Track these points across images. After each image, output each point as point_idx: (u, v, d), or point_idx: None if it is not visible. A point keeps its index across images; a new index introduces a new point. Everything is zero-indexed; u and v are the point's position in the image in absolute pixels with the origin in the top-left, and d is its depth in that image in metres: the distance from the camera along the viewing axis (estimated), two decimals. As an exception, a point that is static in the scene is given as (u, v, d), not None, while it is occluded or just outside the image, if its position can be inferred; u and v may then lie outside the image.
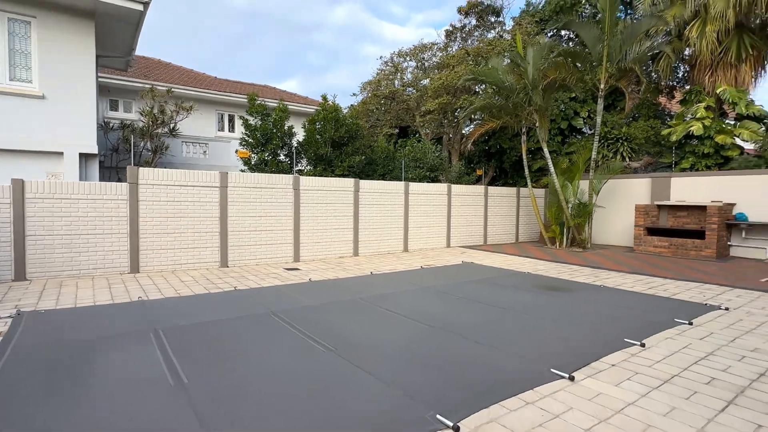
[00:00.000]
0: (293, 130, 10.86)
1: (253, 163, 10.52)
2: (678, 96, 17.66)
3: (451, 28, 16.18)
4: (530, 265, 9.24)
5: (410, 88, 16.26)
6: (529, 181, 12.84)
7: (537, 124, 11.27)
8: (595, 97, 14.50)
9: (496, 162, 16.91)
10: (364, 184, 10.23)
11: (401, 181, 11.14)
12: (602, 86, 10.91)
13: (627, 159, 13.89)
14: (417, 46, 15.75)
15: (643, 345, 4.17)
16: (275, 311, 5.16)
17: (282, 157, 10.76)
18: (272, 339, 4.22)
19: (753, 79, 11.67)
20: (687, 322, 4.96)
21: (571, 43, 15.92)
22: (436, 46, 15.76)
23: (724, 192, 11.05)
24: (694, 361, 3.81)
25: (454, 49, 16.18)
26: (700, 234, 10.63)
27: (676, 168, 12.66)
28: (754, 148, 12.21)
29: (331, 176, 10.49)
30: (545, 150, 11.57)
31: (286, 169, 10.49)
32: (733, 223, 10.66)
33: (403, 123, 17.17)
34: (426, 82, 15.83)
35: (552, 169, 11.67)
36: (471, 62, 13.22)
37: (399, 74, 16.04)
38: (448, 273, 8.11)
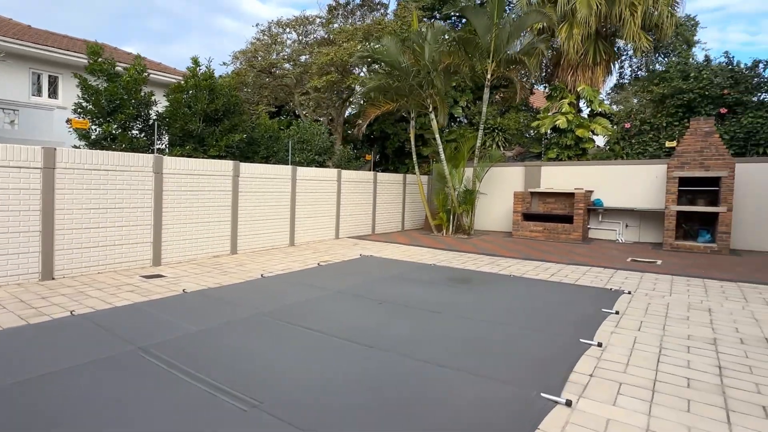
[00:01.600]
0: (153, 98, 8.51)
1: (94, 137, 7.94)
2: (536, 92, 19.59)
3: (334, 3, 14.97)
4: (430, 255, 8.87)
5: (288, 64, 14.63)
6: (416, 167, 12.60)
7: (434, 109, 10.96)
8: (475, 88, 15.04)
9: (379, 147, 16.46)
10: (246, 167, 8.57)
11: (287, 165, 9.73)
12: (489, 76, 11.09)
13: (501, 148, 14.69)
14: (298, 17, 14.17)
15: (600, 345, 3.85)
16: (146, 346, 3.55)
17: (136, 132, 8.37)
18: (149, 396, 2.73)
19: (603, 81, 13.28)
20: (613, 311, 4.92)
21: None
22: (318, 20, 14.41)
23: (584, 180, 12.34)
24: (656, 359, 3.59)
25: (336, 26, 15.06)
26: (568, 219, 11.68)
27: (544, 158, 13.79)
28: (604, 143, 13.94)
29: (205, 157, 8.53)
30: (437, 137, 11.39)
31: (142, 147, 8.17)
32: (591, 209, 11.97)
33: (279, 101, 15.46)
34: (306, 57, 14.41)
35: (443, 156, 11.57)
36: (361, 40, 12.30)
37: (277, 46, 14.24)
38: (352, 270, 7.17)
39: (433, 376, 3.17)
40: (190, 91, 8.55)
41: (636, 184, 11.68)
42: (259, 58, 13.71)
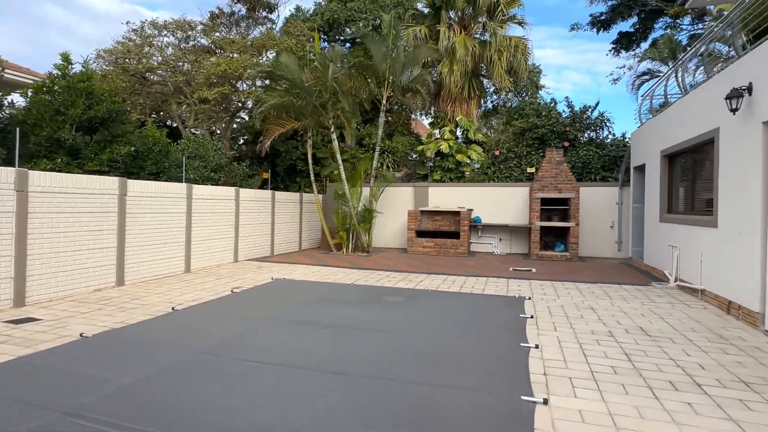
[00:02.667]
0: (8, 100, 6.83)
1: None
2: (413, 120, 21.20)
3: (217, 11, 14.11)
4: (342, 275, 8.89)
5: (162, 71, 13.23)
6: (314, 186, 12.54)
7: (336, 129, 11.06)
8: (363, 111, 15.64)
9: (269, 165, 15.87)
10: (135, 185, 7.48)
11: (181, 182, 8.75)
12: (384, 101, 11.73)
13: (391, 169, 15.52)
14: (179, 21, 12.93)
15: (537, 347, 4.41)
16: (73, 410, 2.87)
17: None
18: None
19: (476, 113, 15.12)
20: (529, 316, 5.65)
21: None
22: (201, 26, 13.38)
23: (465, 199, 13.78)
24: (582, 354, 4.27)
25: (218, 35, 14.22)
26: (456, 234, 12.87)
27: (430, 179, 14.99)
28: (478, 167, 15.71)
29: (81, 172, 7.14)
30: (338, 156, 11.53)
31: (-6, 159, 6.48)
32: (473, 225, 13.41)
33: (152, 109, 13.82)
34: (185, 64, 13.24)
35: (343, 176, 11.74)
36: (255, 53, 11.82)
37: (152, 49, 12.74)
38: (272, 295, 6.80)
39: (416, 394, 3.26)
40: (61, 94, 7.11)
41: (507, 204, 13.50)
42: (133, 61, 12.07)
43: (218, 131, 13.63)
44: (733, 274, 5.85)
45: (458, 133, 16.03)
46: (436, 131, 15.63)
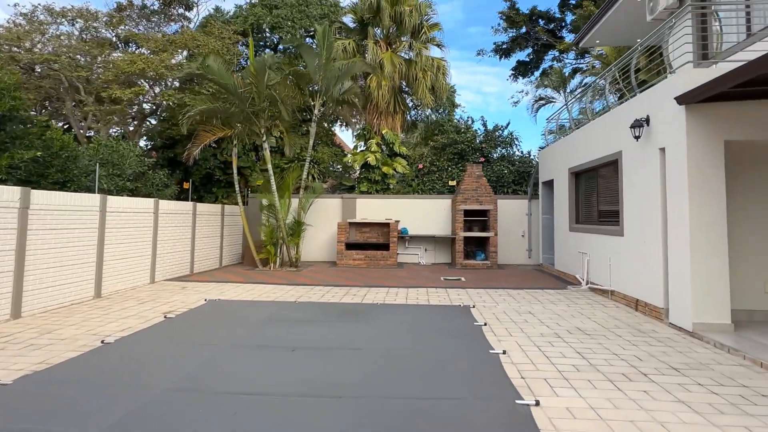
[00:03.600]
0: None
1: None
2: (335, 132, 21.19)
3: (126, 2, 12.67)
4: (280, 292, 8.52)
5: (56, 63, 11.50)
6: (239, 197, 11.87)
7: (264, 139, 10.59)
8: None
9: (181, 173, 14.62)
10: (40, 197, 6.37)
11: (94, 193, 7.64)
12: (316, 111, 11.60)
13: (316, 180, 15.31)
14: (81, 9, 11.31)
15: (504, 352, 4.71)
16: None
17: None
18: None
19: (401, 128, 15.65)
20: (482, 323, 6.00)
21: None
22: (105, 18, 11.88)
23: (391, 211, 14.12)
24: (544, 356, 4.66)
25: (123, 28, 12.82)
26: (385, 246, 13.09)
27: (356, 191, 15.08)
28: (402, 180, 16.19)
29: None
30: (269, 167, 11.06)
31: None
32: (400, 236, 13.78)
33: (44, 107, 11.89)
34: (84, 58, 11.68)
35: (274, 187, 11.29)
36: (176, 52, 10.85)
37: (42, 37, 10.95)
38: (217, 319, 6.28)
39: (421, 409, 3.29)
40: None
41: (431, 215, 14.13)
42: (21, 50, 10.21)
43: (125, 135, 12.18)
44: (639, 276, 6.86)
45: (383, 146, 16.42)
46: (361, 143, 15.84)
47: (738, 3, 6.68)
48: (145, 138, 14.35)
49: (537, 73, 24.24)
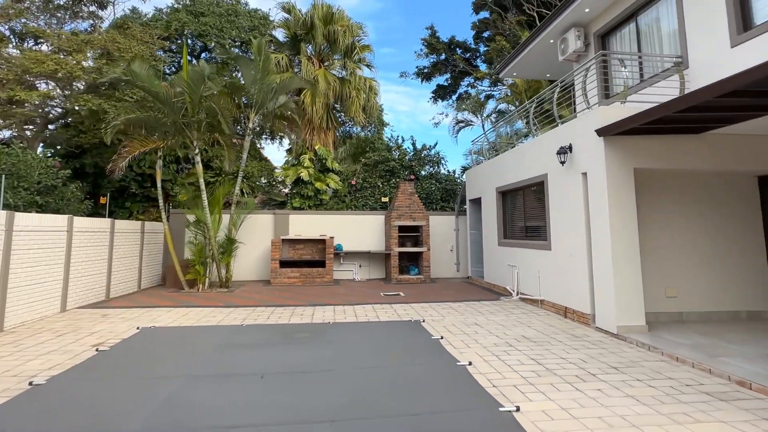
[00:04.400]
0: None
1: None
2: (262, 146, 20.54)
3: (24, -8, 11.13)
4: (221, 315, 8.02)
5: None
6: (164, 214, 10.97)
7: (196, 152, 9.95)
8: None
9: (89, 186, 13.10)
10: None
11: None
12: (251, 124, 11.23)
13: (246, 195, 14.70)
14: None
15: (470, 363, 4.98)
16: None
17: None
18: None
19: (334, 144, 15.70)
20: (439, 337, 6.26)
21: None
22: (-1, 8, 10.29)
23: (325, 227, 14.03)
24: (505, 364, 5.02)
25: (21, 23, 11.29)
26: (321, 263, 12.93)
27: (288, 206, 14.74)
28: (335, 195, 16.16)
29: None
30: (201, 181, 10.40)
31: None
32: (335, 253, 13.72)
33: None
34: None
35: (206, 203, 10.62)
36: (92, 54, 9.76)
37: None
38: (161, 349, 5.74)
39: (418, 425, 3.38)
40: None
41: (364, 231, 14.30)
42: None
43: (23, 142, 10.59)
44: (567, 286, 7.69)
45: (316, 161, 16.32)
46: (292, 158, 15.58)
47: (632, 55, 7.95)
48: (42, 145, 12.63)
49: (454, 97, 26.00)
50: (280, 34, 15.89)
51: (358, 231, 14.25)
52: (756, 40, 5.75)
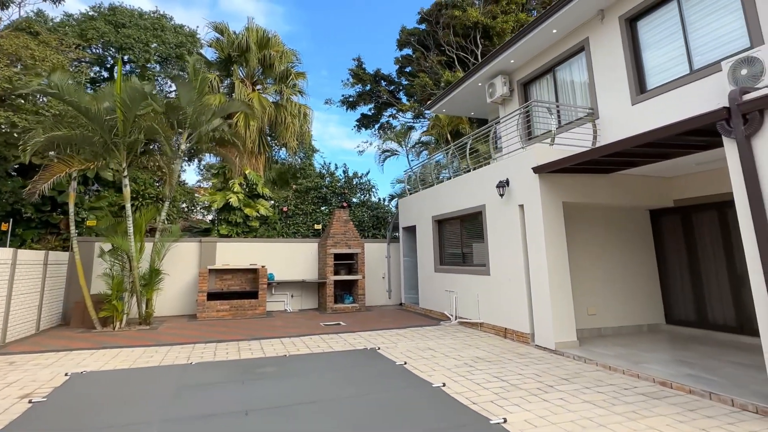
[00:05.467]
0: None
1: None
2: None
3: None
4: (158, 355, 7.32)
5: None
6: (74, 243, 9.76)
7: (124, 174, 9.10)
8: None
9: (-32, 211, 11.14)
10: None
11: None
12: (184, 146, 10.63)
13: (165, 221, 13.61)
14: None
15: (444, 384, 5.25)
16: None
17: None
18: None
19: (264, 169, 15.32)
20: (402, 362, 6.44)
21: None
22: None
23: (256, 256, 13.51)
24: (474, 383, 5.38)
25: None
26: (253, 294, 12.36)
27: (212, 234, 13.94)
28: (266, 223, 15.58)
29: None
30: (128, 207, 9.48)
31: None
32: (267, 283, 13.23)
33: None
34: None
35: (131, 230, 9.68)
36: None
37: None
38: (112, 395, 5.10)
39: (424, 447, 3.54)
40: None
41: (297, 259, 14.04)
42: None
43: None
44: (506, 309, 8.42)
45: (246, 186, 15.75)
46: (216, 181, 14.86)
47: (555, 105, 9.27)
48: None
49: (377, 126, 27.06)
50: (209, 53, 15.40)
51: (291, 259, 13.95)
52: (649, 101, 7.15)
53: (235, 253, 13.32)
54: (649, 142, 5.20)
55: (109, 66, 15.72)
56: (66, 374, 5.88)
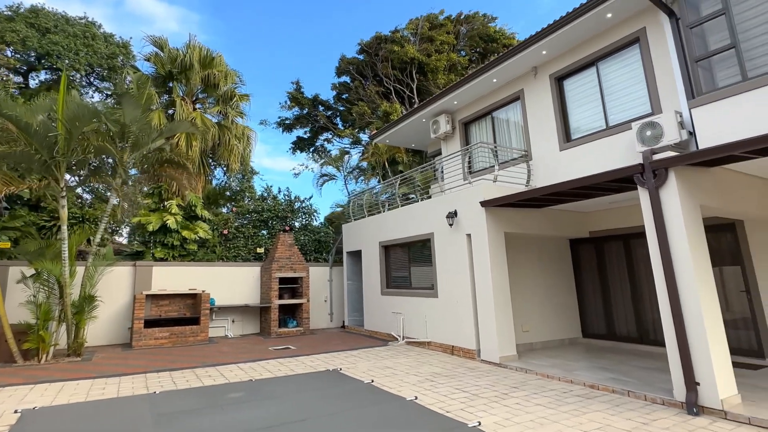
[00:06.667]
0: None
1: None
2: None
3: None
4: (110, 387, 6.93)
5: None
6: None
7: (63, 194, 8.50)
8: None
9: None
10: None
11: None
12: (124, 166, 10.18)
13: (92, 243, 12.65)
14: None
15: (416, 398, 5.79)
16: None
17: None
18: None
19: (203, 190, 14.87)
20: (370, 380, 6.87)
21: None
22: None
23: (195, 280, 13.04)
24: (442, 397, 6.00)
25: None
26: (195, 320, 11.90)
27: (146, 257, 13.19)
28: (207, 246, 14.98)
29: None
30: (64, 228, 8.82)
31: None
32: (209, 308, 12.80)
33: None
34: None
35: (66, 254, 8.99)
36: None
37: None
38: (86, 429, 4.87)
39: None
40: None
41: (238, 283, 13.78)
42: None
43: None
44: (453, 328, 9.24)
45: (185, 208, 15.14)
46: (150, 201, 14.14)
47: (492, 146, 10.52)
48: None
49: (312, 149, 27.38)
50: (145, 67, 14.82)
51: (232, 284, 13.66)
52: (574, 149, 8.59)
53: (171, 278, 12.75)
54: (579, 187, 6.39)
55: (23, 71, 14.42)
56: (16, 411, 5.43)
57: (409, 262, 11.37)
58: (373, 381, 6.86)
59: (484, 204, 8.44)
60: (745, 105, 5.68)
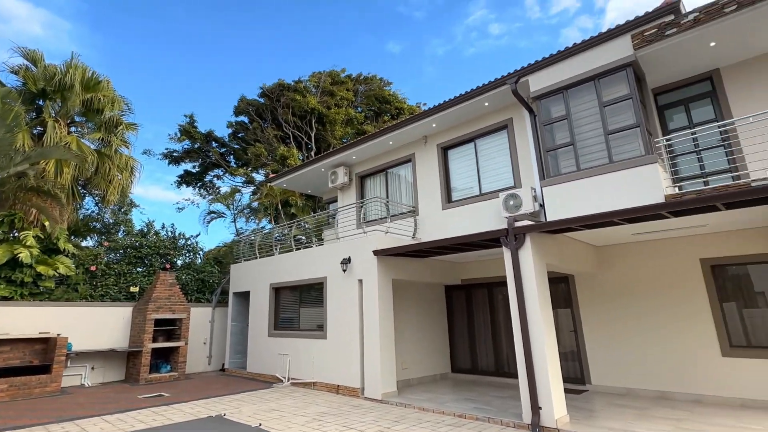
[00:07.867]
0: None
1: None
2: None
3: None
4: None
5: None
6: None
7: None
8: None
9: None
10: None
11: None
12: (-21, 190, 8.92)
13: None
14: None
15: (305, 436, 6.06)
16: None
17: None
18: None
19: (69, 222, 13.25)
20: (257, 425, 6.89)
21: None
22: None
23: (49, 322, 11.40)
24: (330, 432, 6.35)
25: None
26: (45, 368, 10.32)
27: (-14, 294, 11.20)
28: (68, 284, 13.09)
29: None
30: None
31: None
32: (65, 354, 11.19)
33: None
34: None
35: None
36: None
37: None
38: None
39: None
40: None
41: (105, 325, 12.37)
42: None
43: None
44: (340, 368, 9.66)
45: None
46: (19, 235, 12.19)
47: (385, 201, 11.66)
48: None
49: (199, 185, 26.14)
50: (9, 80, 13.18)
51: (97, 326, 12.23)
52: (454, 209, 10.08)
53: (18, 320, 11.00)
54: (459, 242, 7.64)
55: None
56: None
57: (300, 304, 11.61)
58: (260, 425, 6.89)
59: (377, 253, 9.31)
60: (578, 189, 7.56)
